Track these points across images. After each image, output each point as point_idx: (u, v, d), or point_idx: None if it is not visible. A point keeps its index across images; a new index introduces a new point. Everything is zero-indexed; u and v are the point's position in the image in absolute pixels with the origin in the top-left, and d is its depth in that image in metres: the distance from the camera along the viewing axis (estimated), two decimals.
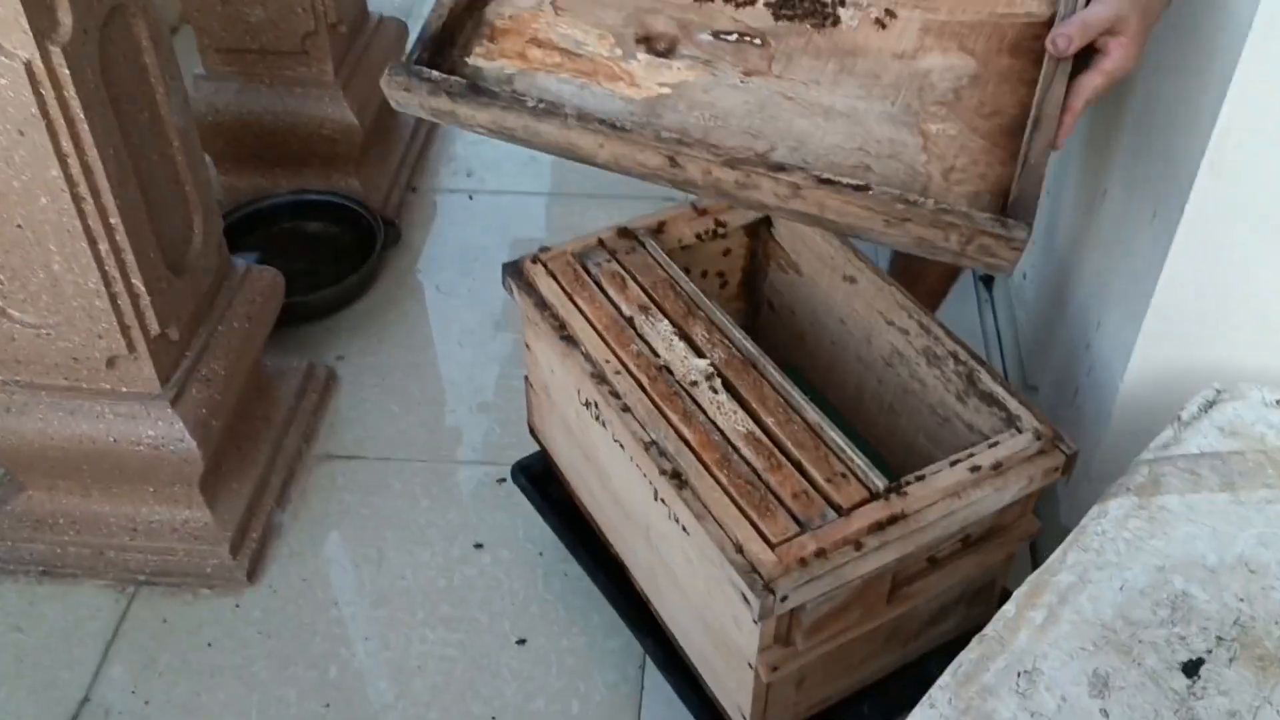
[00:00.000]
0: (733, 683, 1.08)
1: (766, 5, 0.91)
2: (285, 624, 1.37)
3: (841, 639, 1.04)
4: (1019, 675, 0.84)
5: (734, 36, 0.88)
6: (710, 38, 0.89)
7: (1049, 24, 0.87)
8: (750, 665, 1.02)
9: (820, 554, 0.95)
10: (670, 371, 1.10)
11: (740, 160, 0.79)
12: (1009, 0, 0.89)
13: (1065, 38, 0.84)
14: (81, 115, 1.07)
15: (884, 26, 0.88)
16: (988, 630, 0.89)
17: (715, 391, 1.07)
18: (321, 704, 1.29)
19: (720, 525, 0.97)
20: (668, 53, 0.89)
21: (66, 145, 1.08)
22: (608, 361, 1.11)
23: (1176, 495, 0.96)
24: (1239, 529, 0.92)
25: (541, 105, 0.82)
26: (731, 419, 1.05)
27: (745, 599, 0.94)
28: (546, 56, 0.89)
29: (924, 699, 0.84)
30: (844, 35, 0.89)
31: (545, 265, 1.21)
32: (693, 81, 0.87)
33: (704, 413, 1.06)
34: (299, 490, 1.52)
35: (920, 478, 1.00)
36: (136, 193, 1.18)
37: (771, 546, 0.95)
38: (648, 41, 0.90)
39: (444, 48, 0.86)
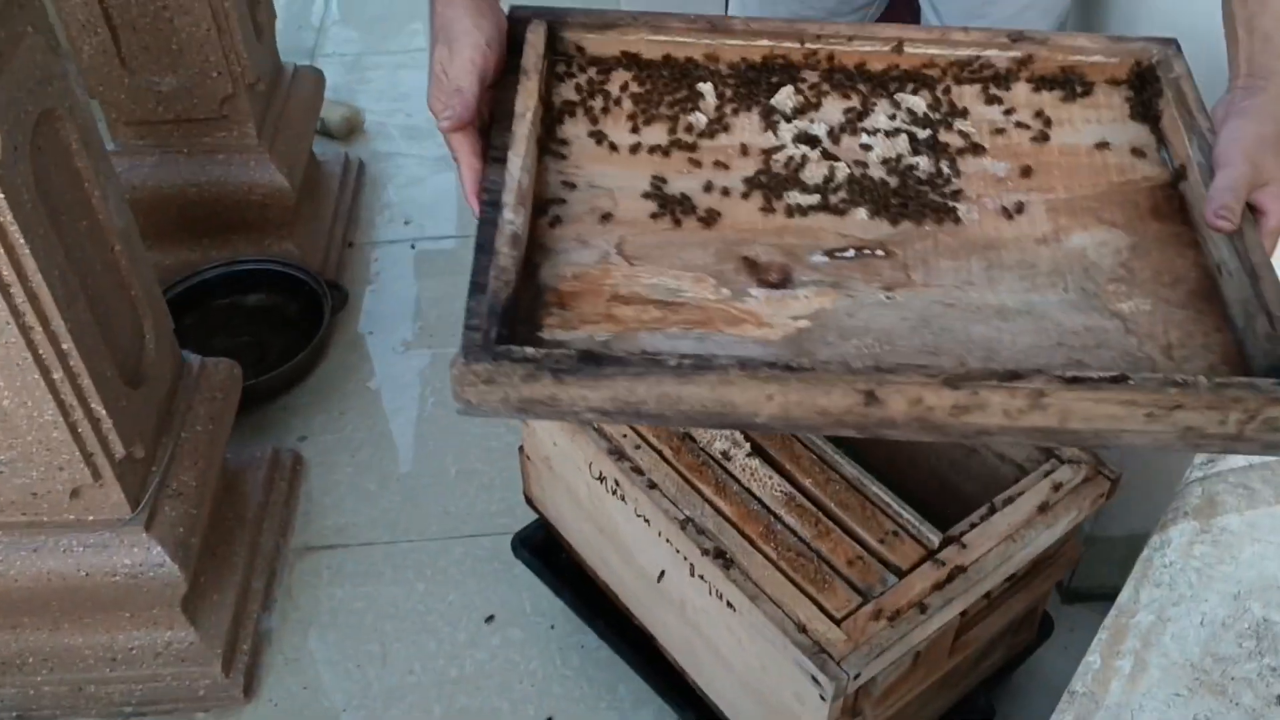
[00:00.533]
0: None
1: (869, 212, 0.74)
2: None
3: (908, 698, 1.00)
4: None
5: (851, 253, 0.72)
6: (825, 258, 0.71)
7: (1172, 183, 0.77)
8: None
9: (887, 623, 0.90)
10: (693, 439, 1.04)
11: (962, 377, 0.62)
12: (1120, 168, 0.78)
13: (1225, 215, 0.72)
14: (21, 240, 0.97)
15: (1010, 216, 0.74)
16: (1075, 686, 0.85)
17: (747, 457, 1.02)
18: None
19: (778, 605, 0.92)
20: (784, 283, 0.70)
21: (8, 274, 0.98)
22: (625, 436, 1.05)
23: (1235, 514, 0.94)
24: None
25: (688, 363, 0.62)
26: (767, 485, 1.00)
27: (815, 680, 0.89)
28: (641, 313, 0.68)
29: None
30: (971, 231, 0.74)
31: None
32: (830, 308, 0.69)
33: (737, 482, 1.01)
34: (284, 589, 1.43)
35: (972, 525, 0.97)
36: (86, 310, 1.08)
37: (837, 623, 0.90)
38: (755, 274, 0.71)
39: (510, 323, 0.65)
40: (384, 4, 2.57)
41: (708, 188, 0.75)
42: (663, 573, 1.06)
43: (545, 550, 1.34)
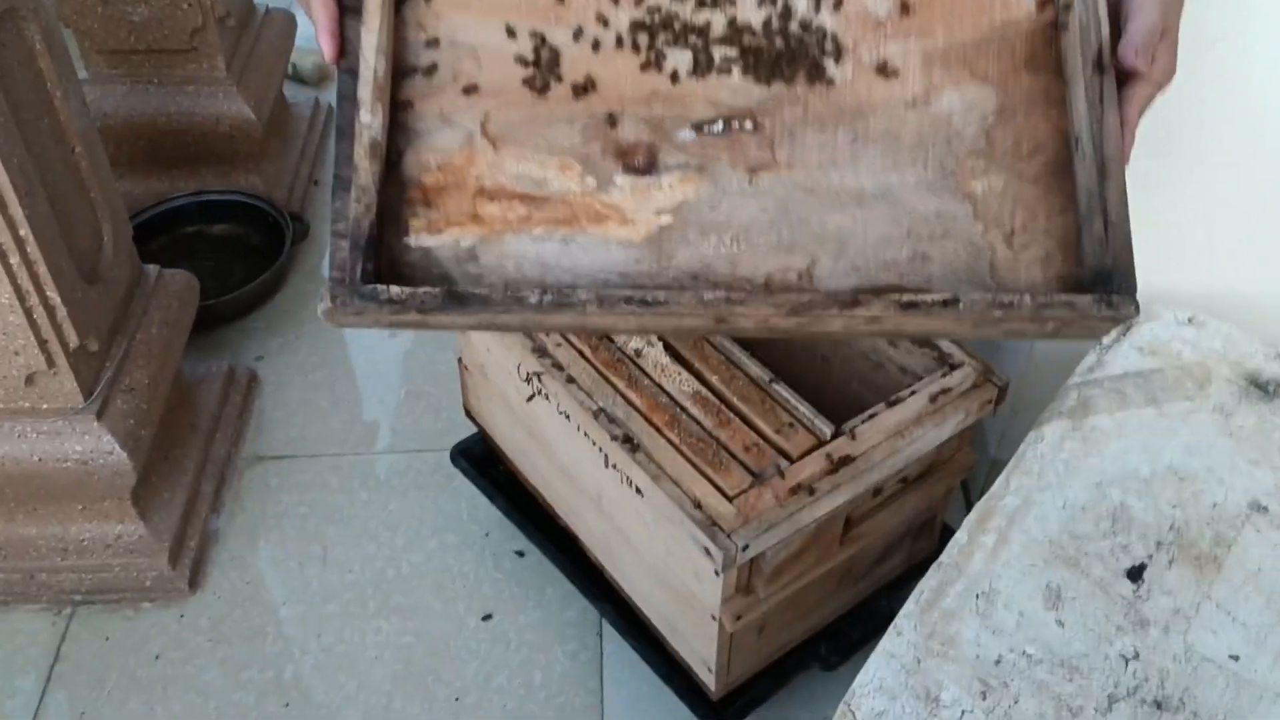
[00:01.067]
0: (696, 637, 1.10)
1: (741, 70, 0.73)
2: (234, 629, 1.35)
3: (800, 583, 1.07)
4: (977, 596, 0.88)
5: (719, 126, 0.72)
6: (692, 134, 0.71)
7: (1053, 23, 0.74)
8: (714, 617, 1.04)
9: (776, 502, 0.97)
10: (610, 339, 1.11)
11: (806, 305, 0.66)
12: (1004, 5, 0.75)
13: (1145, 55, 0.71)
14: None
15: (885, 74, 0.73)
16: (943, 558, 0.93)
17: (658, 355, 1.09)
18: (281, 704, 1.27)
19: (677, 484, 0.99)
20: (650, 167, 0.71)
21: None
22: (547, 335, 1.12)
23: (1106, 415, 1.01)
24: (1166, 440, 0.98)
25: (548, 299, 0.65)
26: (677, 380, 1.07)
27: (707, 552, 0.96)
28: (507, 210, 0.69)
29: (890, 627, 0.88)
30: (843, 94, 0.73)
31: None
32: (693, 199, 0.70)
33: (649, 377, 1.08)
34: (233, 494, 1.49)
35: (864, 420, 1.04)
36: (45, 203, 1.14)
37: (729, 499, 0.97)
38: (622, 158, 0.71)
39: (374, 246, 0.66)
40: None
41: (578, 35, 0.72)
42: (587, 461, 1.12)
43: (482, 462, 1.40)
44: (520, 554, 1.40)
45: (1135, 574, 0.89)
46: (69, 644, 1.33)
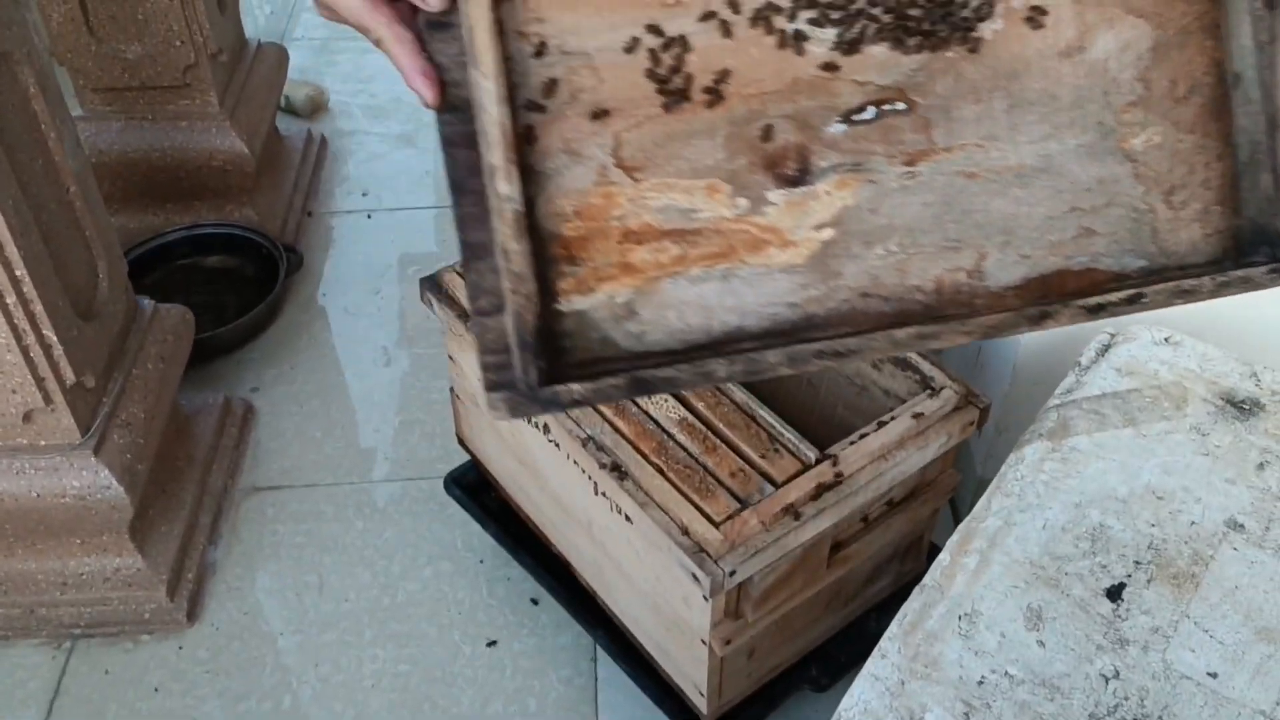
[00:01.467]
0: (687, 662, 1.12)
1: (889, 45, 0.66)
2: (232, 660, 1.36)
3: (787, 606, 1.09)
4: (960, 618, 0.90)
5: (871, 113, 0.66)
6: (843, 126, 0.65)
7: None
8: (704, 642, 1.06)
9: (762, 527, 0.99)
10: None
11: (996, 328, 0.63)
12: None
13: None
14: None
15: (1036, 23, 0.68)
16: (926, 580, 0.94)
17: None
18: None
19: (664, 510, 1.01)
20: (803, 175, 0.65)
21: None
22: None
23: (1085, 435, 1.03)
24: (1144, 460, 0.99)
25: (738, 370, 0.60)
26: (663, 408, 1.09)
27: (695, 578, 0.98)
28: (658, 253, 0.63)
29: (875, 650, 0.89)
30: (994, 54, 0.68)
31: (463, 276, 1.23)
32: (853, 204, 0.65)
33: (636, 404, 1.09)
34: (229, 526, 1.51)
35: (848, 444, 1.05)
36: (39, 242, 1.16)
37: (716, 525, 0.99)
38: (771, 168, 0.64)
39: (544, 342, 0.61)
40: None
41: (705, 20, 0.63)
42: (578, 490, 1.14)
43: (476, 489, 1.42)
44: (535, 601, 1.41)
45: (1114, 593, 0.91)
46: (69, 678, 1.35)
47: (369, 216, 2.02)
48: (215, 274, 1.85)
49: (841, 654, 1.22)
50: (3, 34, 1.11)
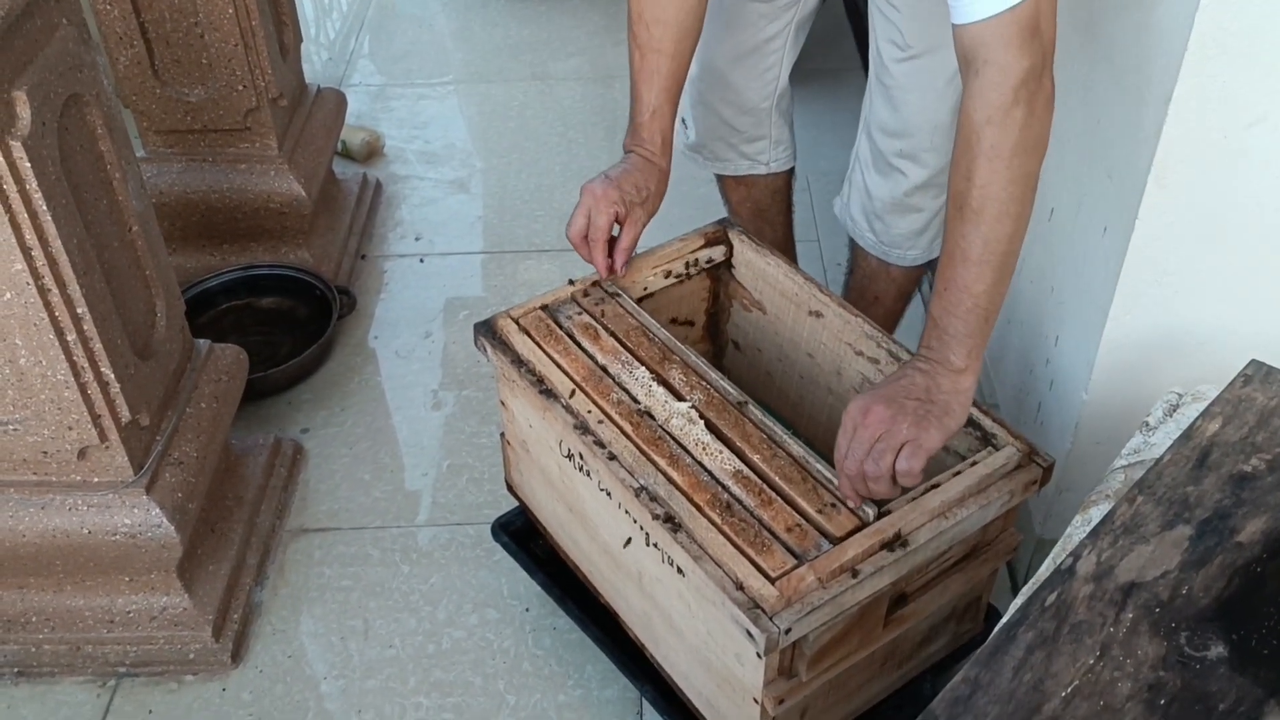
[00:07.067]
0: (738, 719, 1.09)
1: None
2: (275, 704, 1.35)
3: (843, 666, 1.06)
4: None
5: None
6: None
7: None
8: (756, 700, 1.03)
9: (819, 584, 0.97)
10: (652, 416, 1.11)
11: None
12: None
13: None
14: (44, 207, 1.06)
15: None
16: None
17: (699, 433, 1.09)
18: None
19: (718, 564, 0.99)
20: None
21: (30, 238, 1.07)
22: (589, 412, 1.12)
23: None
24: None
25: None
26: (718, 459, 1.07)
27: (749, 634, 0.95)
28: None
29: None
30: None
31: (517, 321, 1.22)
32: None
33: (690, 455, 1.08)
34: (276, 567, 1.50)
35: (908, 501, 1.03)
36: (101, 281, 1.17)
37: (771, 581, 0.96)
38: None
39: None
40: (409, 41, 2.70)
41: None
42: (629, 540, 1.12)
43: (523, 536, 1.41)
44: (555, 629, 1.39)
45: None
46: (112, 717, 1.34)
47: (421, 260, 2.03)
48: (269, 315, 1.87)
49: (896, 716, 1.19)
50: (73, 76, 1.13)
